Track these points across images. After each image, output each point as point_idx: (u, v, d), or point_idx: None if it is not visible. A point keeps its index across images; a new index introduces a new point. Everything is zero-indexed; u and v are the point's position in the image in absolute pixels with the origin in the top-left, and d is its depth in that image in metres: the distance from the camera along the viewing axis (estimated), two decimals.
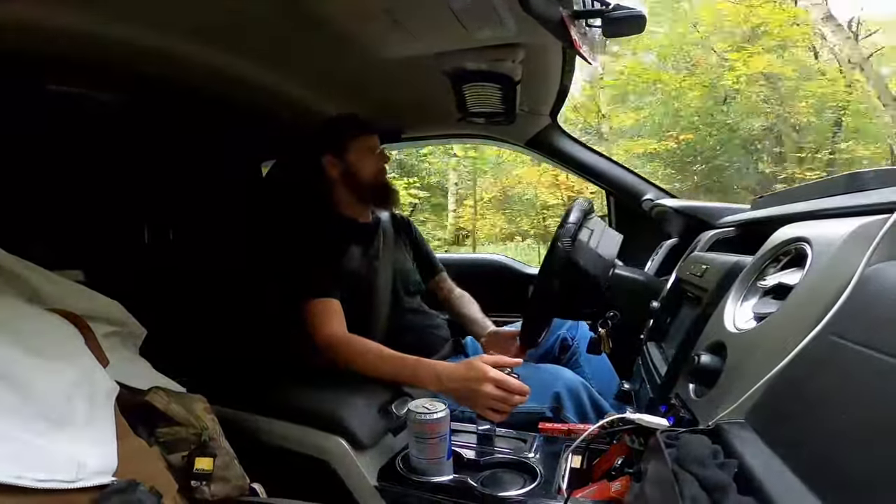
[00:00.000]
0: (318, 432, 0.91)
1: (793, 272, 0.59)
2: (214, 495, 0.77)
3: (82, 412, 0.62)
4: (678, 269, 1.04)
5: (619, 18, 0.89)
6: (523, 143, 1.74)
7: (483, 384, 0.90)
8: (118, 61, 1.00)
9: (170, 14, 0.89)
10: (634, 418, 0.55)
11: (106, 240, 1.44)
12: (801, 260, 0.57)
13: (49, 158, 1.21)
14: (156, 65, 1.03)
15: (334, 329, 1.10)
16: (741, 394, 0.46)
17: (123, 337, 0.95)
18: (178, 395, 0.83)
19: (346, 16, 0.93)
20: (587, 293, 1.04)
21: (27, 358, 0.61)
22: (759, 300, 0.63)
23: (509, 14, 0.90)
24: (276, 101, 1.33)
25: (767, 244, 0.68)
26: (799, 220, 0.67)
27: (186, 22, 0.92)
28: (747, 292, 0.65)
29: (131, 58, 0.98)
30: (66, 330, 0.73)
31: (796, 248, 0.61)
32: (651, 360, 0.85)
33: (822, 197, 0.70)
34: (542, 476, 0.83)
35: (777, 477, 0.34)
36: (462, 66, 1.12)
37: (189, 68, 1.06)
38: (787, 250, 0.63)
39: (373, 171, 1.29)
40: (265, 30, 0.98)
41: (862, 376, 0.36)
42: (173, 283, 1.45)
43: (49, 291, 0.79)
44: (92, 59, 0.97)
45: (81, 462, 0.57)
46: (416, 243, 1.49)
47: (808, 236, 0.58)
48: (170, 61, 1.02)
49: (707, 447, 0.39)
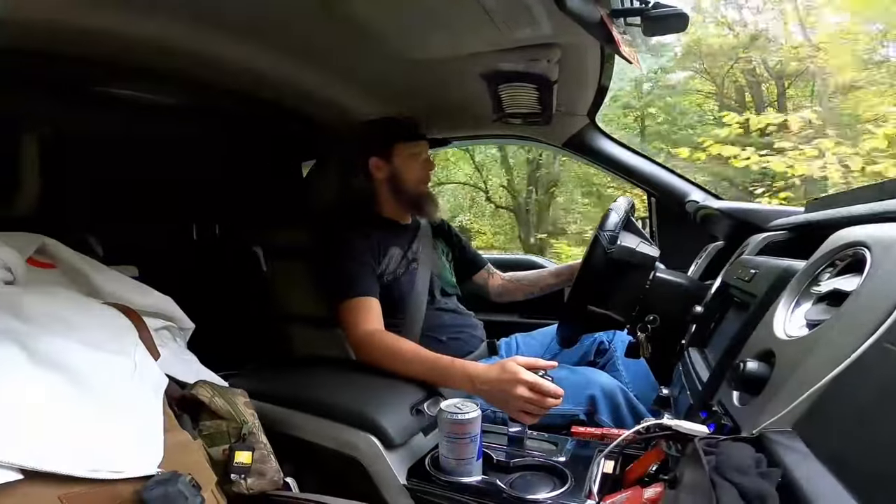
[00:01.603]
0: (350, 429, 0.93)
1: (849, 278, 0.56)
2: (250, 489, 0.79)
3: (133, 403, 0.64)
4: (724, 273, 1.00)
5: (660, 17, 0.86)
6: (560, 143, 1.71)
7: (516, 386, 0.89)
8: (170, 66, 1.05)
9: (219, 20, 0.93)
10: (672, 424, 0.53)
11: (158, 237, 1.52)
12: (859, 265, 0.54)
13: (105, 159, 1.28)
14: (205, 69, 1.08)
15: (370, 327, 1.12)
16: (789, 402, 0.44)
17: (173, 331, 0.99)
18: (222, 389, 0.85)
19: (382, 18, 0.94)
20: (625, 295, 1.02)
21: (84, 350, 0.64)
22: (812, 306, 0.60)
23: (544, 14, 0.89)
24: (315, 102, 1.37)
25: (823, 248, 0.64)
26: (857, 224, 0.63)
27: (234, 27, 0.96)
28: (799, 298, 0.62)
29: (179, 62, 1.03)
30: (122, 323, 0.76)
31: (854, 253, 0.58)
32: (692, 366, 0.82)
33: (882, 199, 0.66)
34: (572, 480, 0.81)
35: (824, 488, 0.32)
36: (497, 67, 1.12)
37: (235, 72, 1.11)
38: (843, 255, 0.60)
39: (417, 178, 1.31)
40: (304, 32, 1.00)
41: None
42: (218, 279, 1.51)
43: (106, 286, 0.83)
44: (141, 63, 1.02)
45: (131, 453, 0.58)
46: (455, 244, 1.51)
47: (866, 240, 0.55)
48: (218, 65, 1.06)
49: (749, 455, 0.37)
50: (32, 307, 0.66)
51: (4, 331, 0.60)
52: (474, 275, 1.55)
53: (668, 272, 1.11)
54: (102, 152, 1.27)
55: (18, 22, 0.79)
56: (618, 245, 1.00)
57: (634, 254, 1.02)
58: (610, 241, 0.99)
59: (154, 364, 0.75)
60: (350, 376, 1.09)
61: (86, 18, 0.84)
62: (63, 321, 0.66)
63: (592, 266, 1.02)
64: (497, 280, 1.57)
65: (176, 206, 1.57)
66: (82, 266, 0.81)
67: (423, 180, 1.32)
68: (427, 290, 1.30)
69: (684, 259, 1.54)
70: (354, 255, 1.20)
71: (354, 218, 1.30)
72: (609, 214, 1.03)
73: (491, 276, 1.57)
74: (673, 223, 1.69)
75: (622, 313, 1.04)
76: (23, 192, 0.79)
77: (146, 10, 0.86)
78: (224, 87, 1.19)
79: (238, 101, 1.28)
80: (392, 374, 1.04)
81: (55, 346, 0.62)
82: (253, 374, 1.14)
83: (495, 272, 1.58)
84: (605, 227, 1.01)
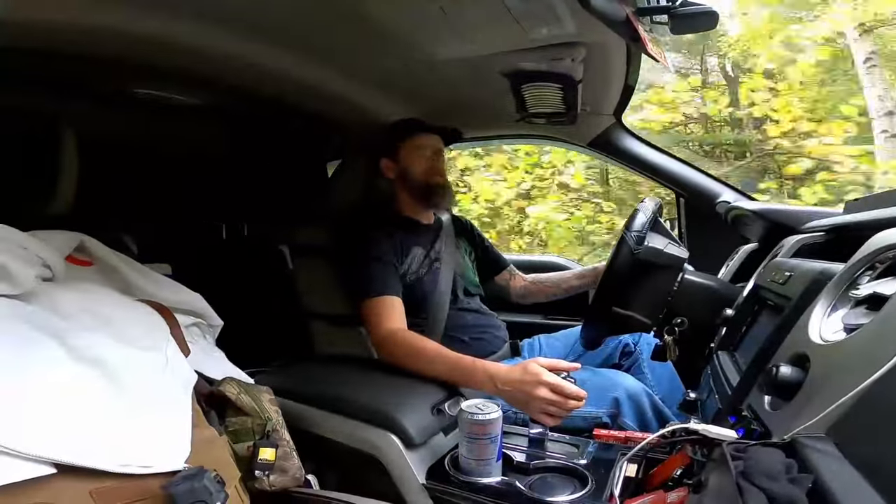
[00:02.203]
0: (370, 428, 0.93)
1: (890, 281, 0.54)
2: (273, 486, 0.80)
3: (164, 399, 0.66)
4: (757, 275, 0.97)
5: (688, 15, 0.84)
6: (586, 143, 1.69)
7: (537, 388, 0.89)
8: (196, 67, 1.08)
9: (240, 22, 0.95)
10: (699, 429, 0.51)
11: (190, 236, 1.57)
12: None
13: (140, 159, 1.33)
14: (230, 71, 1.10)
15: (393, 326, 1.13)
16: (824, 408, 0.42)
17: (203, 328, 1.01)
18: (248, 386, 0.86)
19: (403, 18, 0.95)
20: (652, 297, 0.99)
21: (117, 344, 0.65)
22: (850, 310, 0.58)
23: (568, 12, 0.88)
24: (340, 103, 1.39)
25: (862, 250, 0.62)
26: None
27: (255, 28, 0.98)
28: (837, 302, 0.60)
29: (207, 64, 1.06)
30: (154, 320, 0.78)
31: (895, 256, 0.56)
32: (722, 370, 0.80)
33: None
34: (593, 483, 0.80)
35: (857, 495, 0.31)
36: (520, 66, 1.11)
37: (263, 75, 1.13)
38: (883, 258, 0.58)
39: (423, 170, 1.32)
40: (327, 34, 1.02)
41: None
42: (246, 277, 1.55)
43: (140, 283, 0.85)
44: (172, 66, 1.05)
45: (159, 448, 0.59)
46: (478, 244, 1.51)
47: None
48: (242, 68, 1.09)
49: (779, 461, 0.36)
50: (70, 303, 0.68)
51: (43, 326, 0.61)
52: (496, 275, 1.54)
53: (697, 274, 1.08)
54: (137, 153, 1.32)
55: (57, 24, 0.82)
56: (644, 246, 0.98)
57: (661, 255, 0.99)
58: (637, 242, 0.97)
59: (184, 360, 0.77)
60: (372, 375, 1.10)
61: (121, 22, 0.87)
62: (99, 317, 0.68)
63: (618, 267, 1.00)
64: (519, 282, 1.56)
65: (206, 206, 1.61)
66: (118, 264, 0.83)
67: (431, 171, 1.32)
68: (450, 289, 1.30)
69: (714, 261, 1.50)
70: (377, 255, 1.21)
71: (377, 218, 1.32)
72: (636, 215, 1.01)
73: (513, 277, 1.56)
74: (703, 224, 1.65)
75: (648, 315, 1.02)
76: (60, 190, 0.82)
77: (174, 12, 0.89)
78: (251, 90, 1.21)
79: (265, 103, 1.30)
80: (414, 373, 1.04)
81: (91, 341, 0.63)
82: (278, 372, 1.16)
83: (517, 273, 1.57)
84: (632, 227, 0.99)
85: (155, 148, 1.36)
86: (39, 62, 0.92)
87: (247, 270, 1.58)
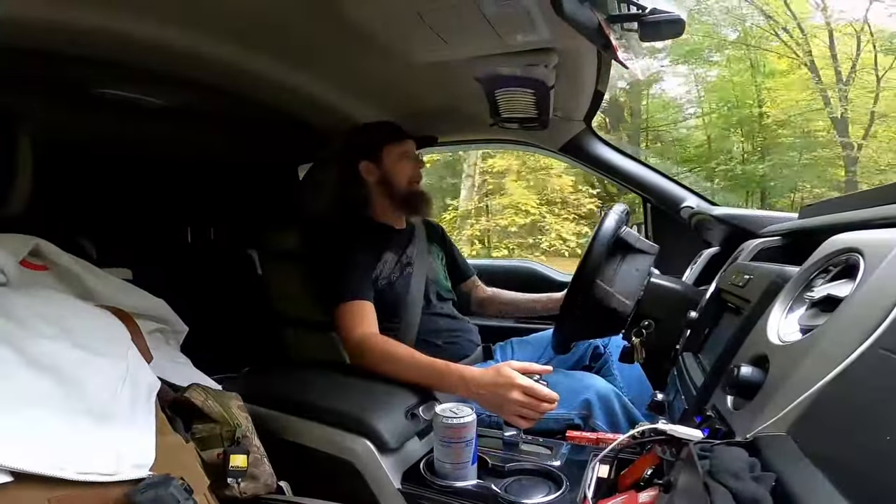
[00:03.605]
0: (344, 433, 0.92)
1: (843, 283, 0.56)
2: (244, 493, 0.79)
3: (125, 407, 0.64)
4: (719, 278, 1.01)
5: (657, 22, 0.87)
6: (557, 148, 1.72)
7: (511, 391, 0.90)
8: (163, 67, 1.04)
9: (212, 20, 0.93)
10: (667, 429, 0.53)
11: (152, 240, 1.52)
12: (853, 271, 0.54)
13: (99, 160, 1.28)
14: (199, 70, 1.08)
15: (366, 330, 1.12)
16: (783, 407, 0.44)
17: (167, 334, 0.98)
18: (215, 393, 0.84)
19: (379, 21, 0.95)
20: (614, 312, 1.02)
21: (76, 352, 0.63)
22: (805, 312, 0.60)
23: (542, 19, 0.90)
24: (312, 105, 1.37)
25: (816, 254, 0.65)
26: (850, 230, 0.64)
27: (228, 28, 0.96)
28: (793, 304, 0.63)
29: (176, 63, 1.03)
30: (115, 326, 0.75)
31: (847, 259, 0.58)
32: (687, 371, 0.83)
33: (875, 205, 0.66)
34: (567, 484, 0.81)
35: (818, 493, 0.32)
36: (495, 71, 1.12)
37: (230, 74, 1.11)
38: (837, 261, 0.60)
39: (407, 177, 1.31)
40: (302, 35, 1.01)
41: None
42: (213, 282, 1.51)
43: (100, 289, 0.82)
44: (139, 65, 1.02)
45: (121, 455, 0.58)
46: (447, 250, 1.51)
47: (859, 246, 0.56)
48: (212, 67, 1.06)
49: (743, 460, 0.37)
50: (25, 309, 0.65)
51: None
52: (462, 283, 1.55)
53: (663, 277, 1.11)
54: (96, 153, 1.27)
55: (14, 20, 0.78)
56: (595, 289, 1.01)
57: (610, 300, 1.02)
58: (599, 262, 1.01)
59: (147, 367, 0.74)
60: (344, 380, 1.08)
61: (82, 18, 0.83)
62: (56, 324, 0.66)
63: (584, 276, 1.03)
64: (480, 292, 1.58)
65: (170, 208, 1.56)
66: (75, 268, 0.81)
67: (413, 179, 1.32)
68: (422, 294, 1.30)
69: (680, 264, 1.55)
70: (350, 259, 1.20)
71: (349, 222, 1.30)
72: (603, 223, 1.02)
73: (476, 287, 1.58)
74: (668, 228, 1.70)
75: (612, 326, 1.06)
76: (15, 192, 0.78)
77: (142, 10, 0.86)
78: (220, 89, 1.18)
79: (234, 103, 1.27)
80: (387, 378, 1.04)
81: (47, 348, 0.61)
82: (247, 378, 1.13)
83: (480, 284, 1.59)
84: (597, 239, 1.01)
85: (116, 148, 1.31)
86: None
87: (214, 274, 1.54)
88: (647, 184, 1.70)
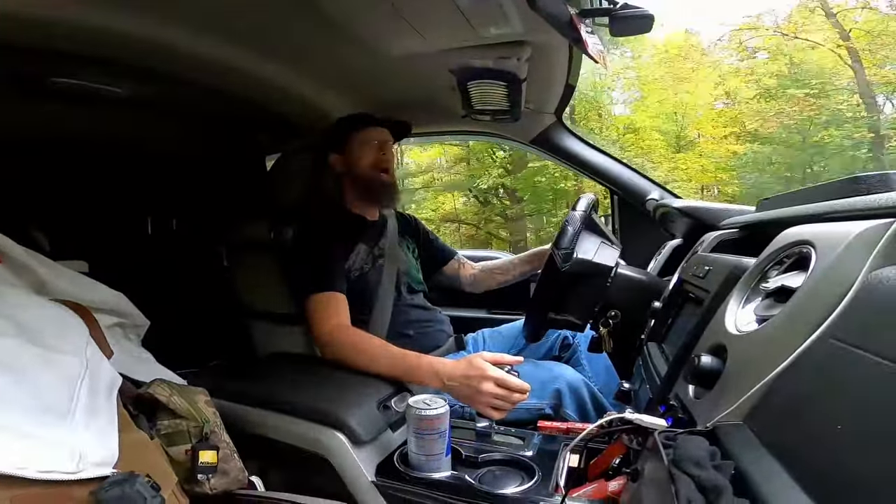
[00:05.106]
0: (316, 427, 0.91)
1: (796, 275, 0.58)
2: (214, 488, 0.78)
3: (85, 403, 0.63)
4: (681, 269, 1.04)
5: (627, 17, 0.88)
6: (528, 140, 1.73)
7: (483, 382, 0.91)
8: (124, 56, 1.00)
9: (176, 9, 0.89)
10: (633, 418, 0.55)
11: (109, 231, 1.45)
12: (805, 263, 0.56)
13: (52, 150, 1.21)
14: (161, 59, 1.03)
15: (338, 322, 1.11)
16: (740, 396, 0.46)
17: (127, 328, 0.95)
18: (180, 388, 0.83)
19: (353, 12, 0.93)
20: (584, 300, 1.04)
21: (32, 348, 0.62)
22: (761, 302, 0.62)
23: (516, 12, 0.90)
24: (281, 95, 1.33)
25: (771, 246, 0.67)
26: (803, 223, 0.66)
27: (193, 17, 0.92)
28: (749, 294, 0.65)
29: (137, 52, 0.99)
30: (71, 321, 0.73)
31: (800, 251, 0.60)
32: (651, 361, 0.85)
33: (827, 199, 0.69)
34: (539, 474, 0.83)
35: (773, 480, 0.34)
36: (468, 64, 1.12)
37: (194, 63, 1.07)
38: (790, 253, 0.62)
39: (369, 163, 1.29)
40: (272, 25, 0.98)
41: (862, 380, 0.36)
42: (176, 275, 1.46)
43: (55, 282, 0.80)
44: (97, 54, 0.97)
45: (83, 453, 0.57)
46: (423, 239, 1.50)
47: (811, 239, 0.58)
48: (175, 56, 1.02)
49: (704, 448, 0.39)
50: None
51: None
52: (444, 266, 1.54)
53: (629, 268, 1.14)
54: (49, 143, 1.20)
55: None
56: (573, 260, 1.02)
57: (590, 265, 1.04)
58: (564, 260, 1.01)
59: (106, 362, 0.73)
60: (315, 373, 1.07)
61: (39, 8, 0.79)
62: (8, 319, 0.64)
63: (548, 282, 1.05)
64: (468, 270, 1.56)
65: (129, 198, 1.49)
66: (28, 261, 0.78)
67: (376, 165, 1.30)
68: (394, 286, 1.29)
69: (646, 255, 1.59)
70: (322, 251, 1.18)
71: (322, 213, 1.28)
72: (565, 229, 1.03)
73: (462, 265, 1.57)
74: (635, 220, 1.74)
75: (581, 317, 1.08)
76: None
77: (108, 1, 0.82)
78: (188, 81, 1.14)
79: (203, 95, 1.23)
80: (358, 370, 1.03)
81: (1, 345, 0.59)
82: (213, 372, 1.11)
83: (466, 262, 1.58)
84: (560, 244, 1.02)
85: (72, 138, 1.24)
86: None
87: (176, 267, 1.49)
88: (615, 177, 1.73)
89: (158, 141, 1.45)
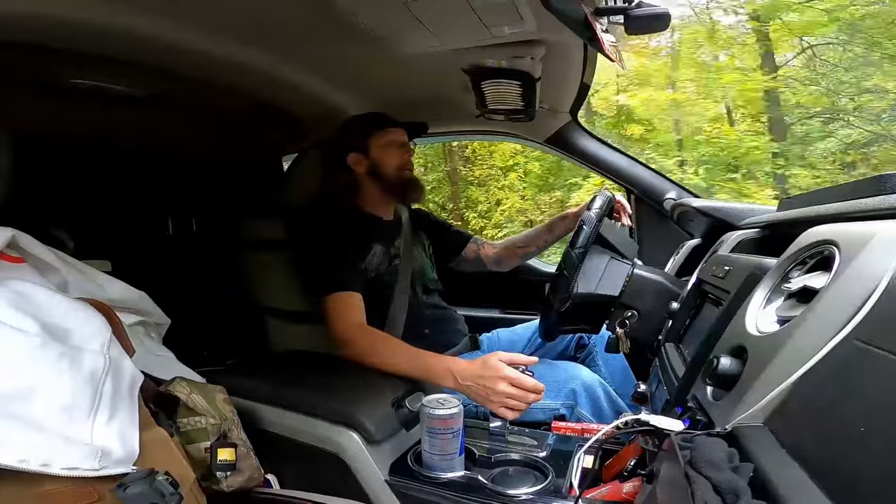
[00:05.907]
0: (331, 426, 0.92)
1: (819, 275, 0.57)
2: (231, 486, 0.79)
3: (107, 401, 0.63)
4: (700, 270, 1.02)
5: (643, 16, 0.87)
6: (543, 140, 1.72)
7: (497, 382, 0.90)
8: (144, 57, 1.02)
9: (195, 9, 0.90)
10: (649, 420, 0.54)
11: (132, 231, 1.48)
12: (828, 263, 0.55)
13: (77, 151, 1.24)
14: (181, 60, 1.05)
15: (355, 321, 1.12)
16: (760, 398, 0.45)
17: (149, 327, 0.97)
18: (200, 386, 0.84)
19: (367, 11, 0.93)
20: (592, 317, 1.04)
21: (55, 346, 0.62)
22: (783, 303, 0.61)
23: (529, 11, 0.89)
24: (297, 96, 1.35)
25: (793, 246, 0.66)
26: (827, 222, 0.65)
27: (211, 17, 0.94)
28: (771, 295, 0.63)
29: (157, 53, 1.01)
30: (94, 319, 0.74)
31: (823, 251, 0.59)
32: (669, 362, 0.84)
33: (851, 199, 0.67)
34: (553, 475, 0.83)
35: (794, 483, 0.33)
36: (481, 63, 1.12)
37: (212, 63, 1.08)
38: (813, 253, 0.61)
39: (396, 165, 1.30)
40: (287, 25, 0.99)
41: (888, 383, 0.35)
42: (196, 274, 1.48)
43: (78, 281, 0.81)
44: (118, 55, 0.99)
45: (105, 451, 0.57)
46: (436, 232, 1.50)
47: (835, 239, 0.56)
48: (194, 57, 1.04)
49: (722, 450, 0.38)
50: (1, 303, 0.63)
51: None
52: (462, 251, 1.53)
53: (646, 268, 1.13)
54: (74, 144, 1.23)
55: None
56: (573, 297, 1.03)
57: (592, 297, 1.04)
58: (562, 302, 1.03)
59: (128, 360, 0.74)
60: (330, 372, 1.08)
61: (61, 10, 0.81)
62: (32, 317, 0.64)
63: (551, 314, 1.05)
64: (489, 250, 1.54)
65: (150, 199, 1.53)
66: (53, 261, 0.79)
67: (402, 166, 1.31)
68: (409, 285, 1.30)
69: (664, 255, 1.57)
70: (338, 251, 1.19)
71: (338, 213, 1.29)
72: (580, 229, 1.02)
73: (481, 247, 1.55)
74: (652, 219, 1.72)
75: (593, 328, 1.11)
76: None
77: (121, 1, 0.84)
78: (204, 80, 1.16)
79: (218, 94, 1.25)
80: (374, 369, 1.04)
81: (25, 343, 0.60)
82: (232, 371, 1.13)
83: (485, 243, 1.56)
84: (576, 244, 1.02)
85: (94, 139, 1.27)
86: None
87: (196, 266, 1.51)
88: (631, 176, 1.71)
89: (178, 142, 1.48)
